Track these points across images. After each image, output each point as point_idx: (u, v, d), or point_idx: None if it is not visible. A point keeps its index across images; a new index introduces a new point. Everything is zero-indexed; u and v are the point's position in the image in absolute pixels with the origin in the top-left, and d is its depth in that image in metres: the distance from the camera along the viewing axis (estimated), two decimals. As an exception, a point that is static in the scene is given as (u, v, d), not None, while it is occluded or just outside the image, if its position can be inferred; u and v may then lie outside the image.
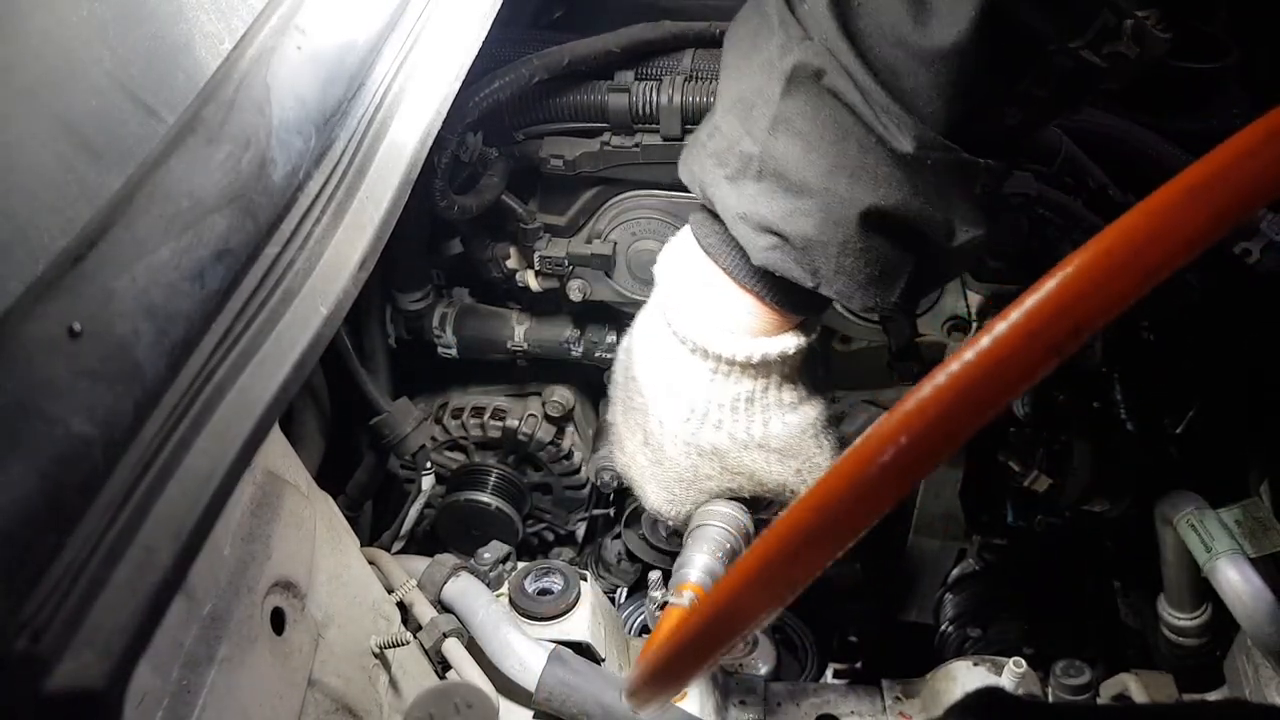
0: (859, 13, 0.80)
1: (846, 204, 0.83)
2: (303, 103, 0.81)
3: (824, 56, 0.81)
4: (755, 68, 0.87)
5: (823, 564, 0.55)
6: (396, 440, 1.37)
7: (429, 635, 1.09)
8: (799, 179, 0.84)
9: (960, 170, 0.83)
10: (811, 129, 0.83)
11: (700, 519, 1.06)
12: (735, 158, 0.88)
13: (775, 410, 0.98)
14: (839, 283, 0.87)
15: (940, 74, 0.79)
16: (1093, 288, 0.49)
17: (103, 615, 0.55)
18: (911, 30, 0.78)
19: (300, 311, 0.74)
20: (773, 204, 0.86)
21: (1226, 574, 1.18)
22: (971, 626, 1.63)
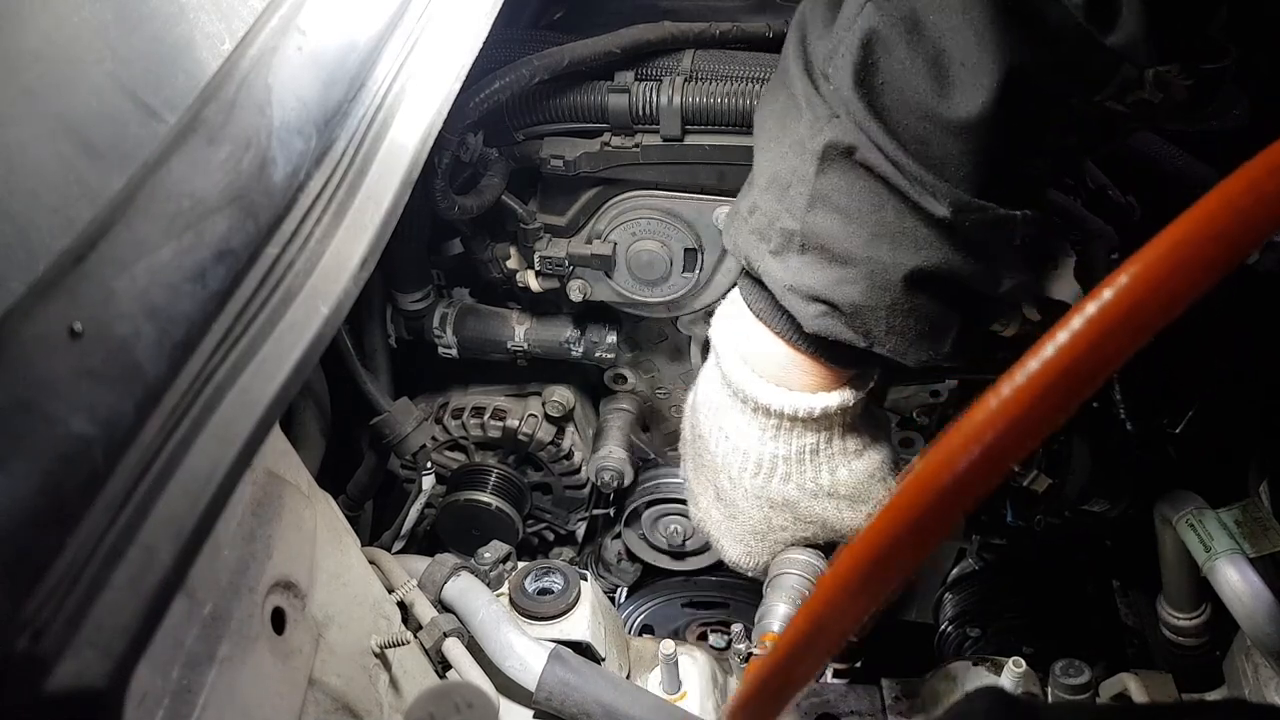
0: (883, 90, 0.82)
1: (890, 269, 0.85)
2: (304, 103, 0.81)
3: (854, 133, 0.83)
4: (787, 147, 0.89)
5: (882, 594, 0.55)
6: (397, 440, 1.37)
7: (429, 635, 1.09)
8: (841, 250, 0.86)
9: (998, 226, 0.85)
10: (848, 203, 0.85)
11: (778, 568, 1.07)
12: (777, 234, 0.90)
13: (840, 459, 1.00)
14: (891, 342, 0.89)
15: (968, 142, 0.80)
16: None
17: (103, 615, 0.55)
18: (936, 103, 0.80)
19: (301, 312, 0.74)
20: (818, 275, 0.88)
21: (1226, 574, 1.18)
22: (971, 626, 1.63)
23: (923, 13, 0.80)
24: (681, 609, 1.68)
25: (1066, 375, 0.48)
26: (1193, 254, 0.47)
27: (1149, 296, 0.47)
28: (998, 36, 0.78)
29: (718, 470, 1.04)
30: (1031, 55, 0.78)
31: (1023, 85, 0.79)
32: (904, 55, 0.81)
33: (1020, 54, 0.78)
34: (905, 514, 0.52)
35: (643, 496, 1.57)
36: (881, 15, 0.82)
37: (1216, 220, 0.47)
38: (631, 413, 1.57)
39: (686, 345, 1.51)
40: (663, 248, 1.32)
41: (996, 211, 0.84)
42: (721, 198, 1.28)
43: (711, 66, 1.25)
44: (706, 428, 1.05)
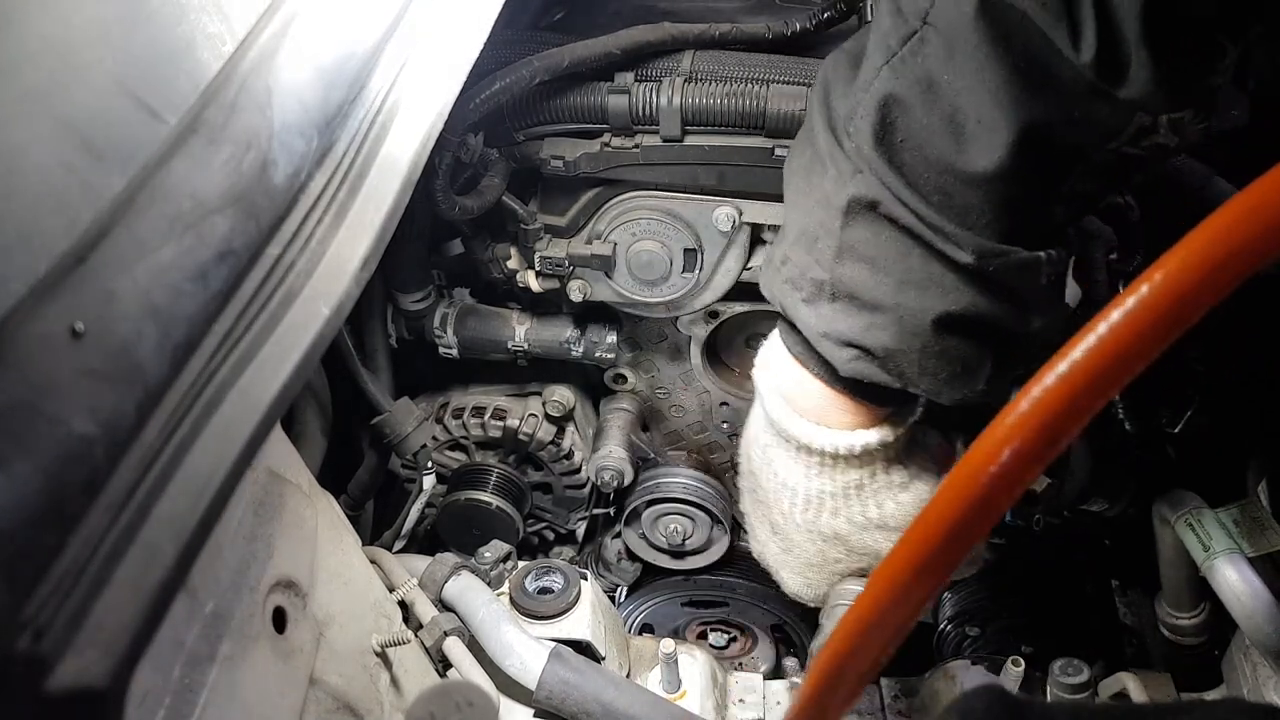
0: (902, 147, 0.84)
1: (918, 314, 0.88)
2: (304, 104, 0.81)
3: (876, 188, 0.85)
4: (814, 202, 0.91)
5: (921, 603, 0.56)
6: (398, 440, 1.37)
7: (430, 634, 1.10)
8: (870, 298, 0.89)
9: (1022, 269, 0.87)
10: (875, 253, 0.88)
11: (834, 599, 1.10)
12: (808, 283, 0.93)
13: (886, 492, 1.02)
14: (924, 383, 0.92)
15: (988, 193, 0.83)
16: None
17: (105, 614, 0.55)
18: (954, 158, 0.82)
19: (302, 312, 0.74)
20: (849, 321, 0.90)
21: (1224, 573, 1.19)
22: (970, 625, 1.63)
23: (937, 74, 0.82)
24: (681, 608, 1.68)
25: (1091, 379, 0.49)
26: (1218, 259, 0.47)
27: (1173, 302, 0.47)
28: (1011, 95, 0.80)
29: (770, 506, 1.07)
30: (1045, 111, 0.80)
31: (1037, 139, 0.81)
32: (921, 114, 0.83)
33: (1034, 110, 0.80)
34: (938, 525, 0.52)
35: (643, 496, 1.58)
36: (897, 78, 0.84)
37: (1241, 228, 0.48)
38: (631, 413, 1.57)
39: (686, 345, 1.51)
40: (663, 248, 1.32)
41: (1020, 255, 0.86)
42: (721, 198, 1.29)
43: (711, 67, 1.25)
44: (757, 464, 1.07)
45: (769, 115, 1.21)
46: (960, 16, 0.80)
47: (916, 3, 0.83)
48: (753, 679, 1.35)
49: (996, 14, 0.78)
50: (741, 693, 1.33)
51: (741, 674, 1.36)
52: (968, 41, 0.80)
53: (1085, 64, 0.77)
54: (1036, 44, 0.78)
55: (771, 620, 1.65)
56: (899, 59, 0.84)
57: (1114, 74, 0.78)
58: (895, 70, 0.84)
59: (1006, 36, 0.79)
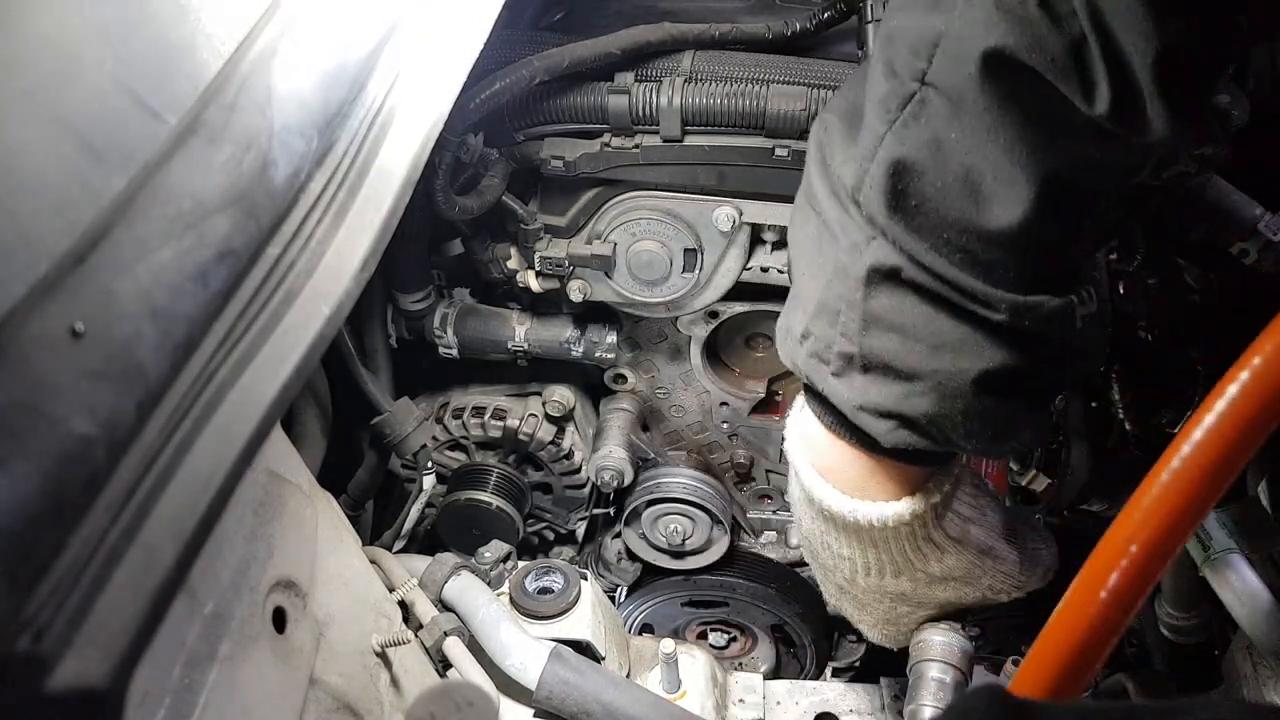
0: (918, 211, 0.81)
1: (957, 377, 0.84)
2: (304, 105, 0.81)
3: (895, 255, 0.82)
4: (830, 274, 0.88)
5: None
6: (398, 440, 1.37)
7: (430, 634, 1.10)
8: (905, 366, 0.85)
9: (1057, 317, 0.84)
10: (903, 320, 0.84)
11: (917, 654, 1.08)
12: (836, 357, 0.89)
13: (941, 549, 1.00)
14: (970, 443, 0.89)
15: (1012, 248, 0.80)
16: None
17: (105, 614, 0.55)
18: (975, 217, 0.79)
19: (302, 312, 0.74)
20: (886, 391, 0.87)
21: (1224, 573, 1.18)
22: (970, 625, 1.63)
23: (944, 135, 0.79)
24: (681, 608, 1.68)
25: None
26: None
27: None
28: (1027, 150, 0.77)
29: (832, 571, 1.05)
30: (1064, 159, 0.78)
31: (1059, 187, 0.78)
32: (934, 177, 0.80)
33: (1052, 161, 0.77)
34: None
35: (643, 496, 1.58)
36: (902, 143, 0.81)
37: None
38: (631, 413, 1.57)
39: (686, 345, 1.52)
40: (663, 248, 1.32)
41: (1052, 304, 0.83)
42: (721, 198, 1.29)
43: (711, 68, 1.25)
44: (808, 533, 1.05)
45: (769, 115, 1.21)
46: (963, 78, 0.77)
47: (911, 63, 0.80)
48: (753, 679, 1.35)
49: (1002, 73, 0.75)
50: (741, 693, 1.33)
51: (741, 674, 1.36)
52: (975, 102, 0.77)
53: (1101, 115, 0.74)
54: (1048, 100, 0.75)
55: (771, 620, 1.65)
56: (901, 123, 0.81)
57: (1131, 122, 0.75)
58: (899, 135, 0.81)
59: (1015, 94, 0.76)
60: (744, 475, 1.68)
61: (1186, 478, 0.60)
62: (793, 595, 1.62)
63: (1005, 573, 1.04)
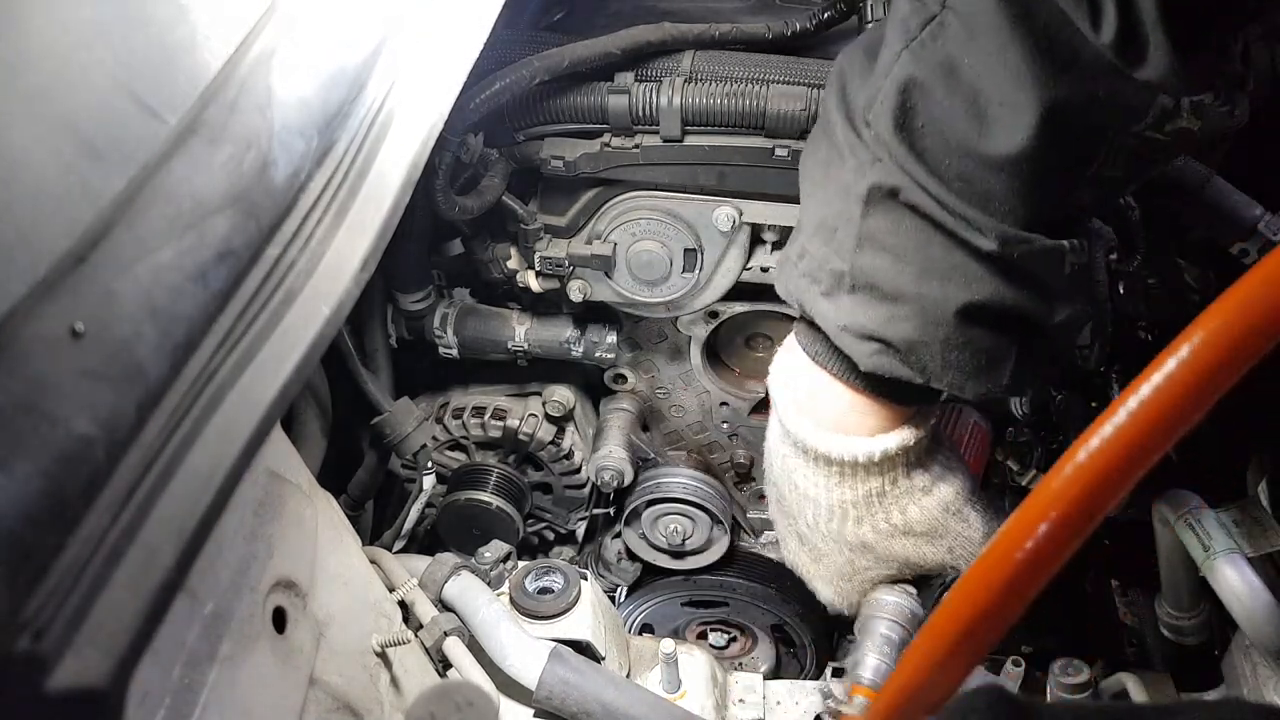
0: (923, 132, 0.83)
1: (941, 304, 0.85)
2: (304, 104, 0.81)
3: (897, 175, 0.84)
4: (833, 193, 0.89)
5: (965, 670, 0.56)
6: (398, 440, 1.37)
7: (430, 634, 1.10)
8: (892, 288, 0.87)
9: (1046, 256, 0.85)
10: (896, 241, 0.86)
11: (867, 610, 1.08)
12: (827, 275, 0.90)
13: (908, 498, 1.00)
14: (948, 376, 0.89)
15: (1011, 177, 0.81)
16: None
17: (105, 614, 0.55)
18: (976, 141, 0.81)
19: (302, 312, 0.74)
20: (871, 313, 0.88)
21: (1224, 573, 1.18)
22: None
23: (957, 57, 0.81)
24: (681, 608, 1.68)
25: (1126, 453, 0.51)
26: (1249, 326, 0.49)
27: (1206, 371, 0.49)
28: (1033, 75, 0.79)
29: (795, 517, 1.05)
30: (1067, 91, 0.79)
31: (1061, 120, 0.80)
32: (942, 97, 0.82)
33: (1056, 90, 0.79)
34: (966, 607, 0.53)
35: (643, 496, 1.57)
36: (917, 62, 0.83)
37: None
38: (631, 413, 1.57)
39: (686, 345, 1.52)
40: (663, 248, 1.32)
41: (1044, 242, 0.84)
42: (721, 198, 1.29)
43: (711, 68, 1.25)
44: (778, 475, 1.05)
45: (769, 115, 1.21)
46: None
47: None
48: (753, 679, 1.35)
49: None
50: (741, 693, 1.33)
51: (741, 674, 1.36)
52: (989, 23, 0.79)
53: (1105, 44, 0.76)
54: (1058, 24, 0.77)
55: (771, 620, 1.65)
56: (919, 43, 0.83)
57: (1134, 55, 0.77)
58: (915, 54, 0.83)
59: (1027, 16, 0.78)
60: (744, 475, 1.68)
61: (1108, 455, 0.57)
62: (793, 595, 1.62)
63: (969, 538, 1.04)
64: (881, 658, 1.03)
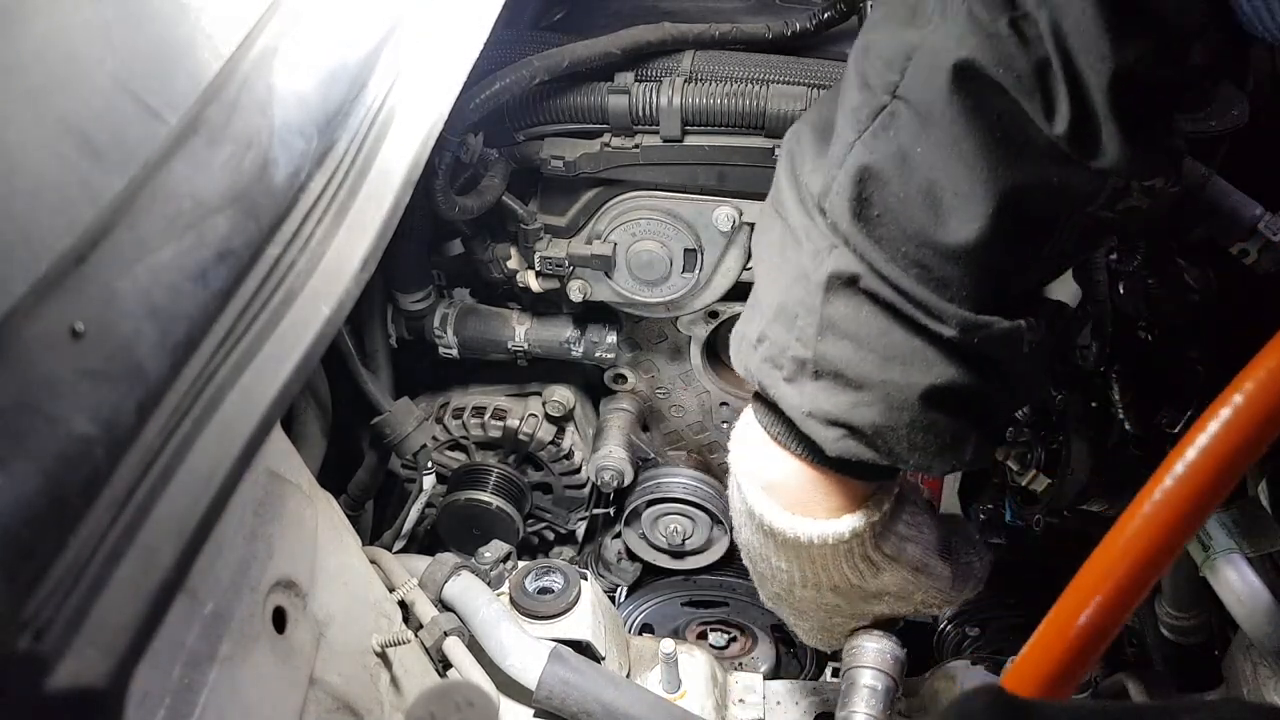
0: (880, 221, 0.83)
1: (905, 390, 0.86)
2: (305, 104, 0.81)
3: (855, 263, 0.84)
4: (791, 279, 0.90)
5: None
6: (398, 440, 1.37)
7: (430, 634, 1.10)
8: (855, 374, 0.87)
9: (1005, 339, 0.86)
10: (857, 329, 0.86)
11: (849, 659, 1.10)
12: (789, 361, 0.90)
13: (877, 567, 1.02)
14: (914, 458, 0.90)
15: (967, 265, 0.82)
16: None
17: (105, 614, 0.55)
18: (933, 231, 0.81)
19: (302, 312, 0.74)
20: (835, 399, 0.88)
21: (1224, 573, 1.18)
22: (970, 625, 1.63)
23: (909, 147, 0.81)
24: (681, 608, 1.68)
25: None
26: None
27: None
28: (988, 165, 0.79)
29: (769, 581, 1.06)
30: (1022, 178, 0.79)
31: (1015, 207, 0.81)
32: (897, 188, 0.82)
33: (1010, 179, 0.80)
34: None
35: (643, 496, 1.58)
36: (870, 152, 0.83)
37: None
38: (631, 412, 1.57)
39: (686, 345, 1.52)
40: (662, 248, 1.32)
41: (1002, 325, 0.85)
42: (721, 198, 1.29)
43: (711, 68, 1.25)
44: (745, 543, 1.06)
45: (769, 115, 1.21)
46: (933, 90, 0.79)
47: (884, 76, 0.82)
48: (753, 679, 1.35)
49: (971, 86, 0.78)
50: (741, 692, 1.33)
51: (741, 674, 1.36)
52: (943, 115, 0.79)
53: (1059, 135, 0.77)
54: (1011, 115, 0.78)
55: (772, 620, 1.65)
56: (870, 133, 0.83)
57: (1087, 146, 0.78)
58: (867, 144, 0.83)
59: (981, 108, 0.78)
60: (744, 475, 1.68)
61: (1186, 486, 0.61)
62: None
63: (938, 589, 1.06)
64: (869, 711, 1.06)
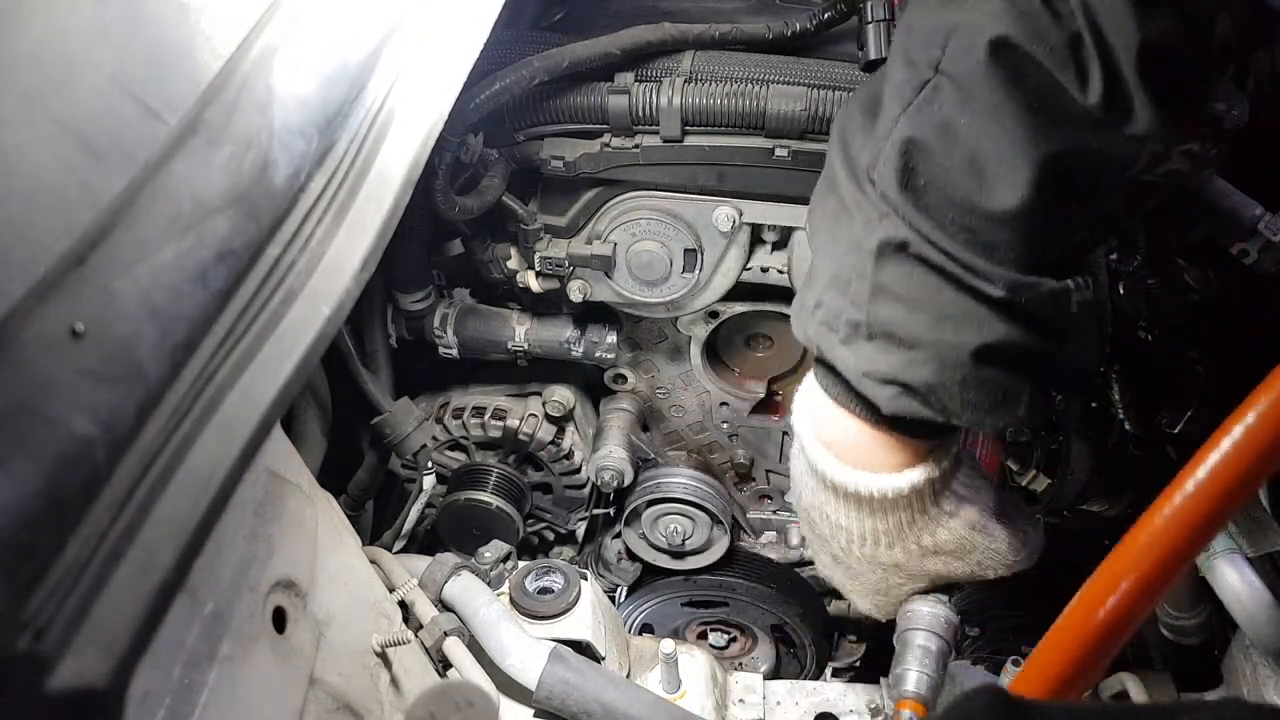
0: (926, 190, 0.87)
1: (957, 348, 0.89)
2: (305, 104, 0.81)
3: (905, 230, 0.88)
4: (844, 249, 0.93)
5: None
6: (398, 440, 1.37)
7: (430, 634, 1.10)
8: (908, 335, 0.90)
9: (1053, 298, 0.89)
10: (908, 292, 0.90)
11: (903, 623, 1.11)
12: (844, 325, 0.94)
13: (936, 523, 1.04)
14: (967, 414, 0.93)
15: (1014, 229, 0.85)
16: None
17: (105, 614, 0.55)
18: (978, 198, 0.85)
19: (302, 312, 0.74)
20: (889, 359, 0.92)
21: (1224, 574, 1.19)
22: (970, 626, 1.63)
23: (954, 119, 0.85)
24: (681, 608, 1.68)
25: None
26: None
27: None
28: (1027, 134, 0.83)
29: (828, 541, 1.09)
30: (1060, 145, 0.83)
31: (1056, 172, 0.84)
32: (942, 157, 0.86)
33: (1050, 145, 0.83)
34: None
35: (643, 496, 1.58)
36: (915, 124, 0.87)
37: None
38: (631, 413, 1.57)
39: (686, 345, 1.52)
40: (663, 248, 1.32)
41: (1050, 285, 0.88)
42: (721, 198, 1.29)
43: (711, 68, 1.25)
44: (808, 504, 1.09)
45: (769, 115, 1.21)
46: (973, 64, 0.83)
47: (928, 52, 0.86)
48: (753, 679, 1.35)
49: (1008, 60, 0.82)
50: (741, 693, 1.33)
51: (741, 674, 1.36)
52: (982, 86, 0.83)
53: (1093, 105, 0.80)
54: (1047, 85, 0.81)
55: (771, 620, 1.65)
56: (914, 107, 0.87)
57: (1120, 114, 0.81)
58: (912, 118, 0.87)
59: (1019, 80, 0.82)
60: (744, 475, 1.68)
61: (1194, 503, 0.61)
62: (793, 595, 1.62)
63: (995, 550, 1.08)
64: (923, 670, 1.06)
